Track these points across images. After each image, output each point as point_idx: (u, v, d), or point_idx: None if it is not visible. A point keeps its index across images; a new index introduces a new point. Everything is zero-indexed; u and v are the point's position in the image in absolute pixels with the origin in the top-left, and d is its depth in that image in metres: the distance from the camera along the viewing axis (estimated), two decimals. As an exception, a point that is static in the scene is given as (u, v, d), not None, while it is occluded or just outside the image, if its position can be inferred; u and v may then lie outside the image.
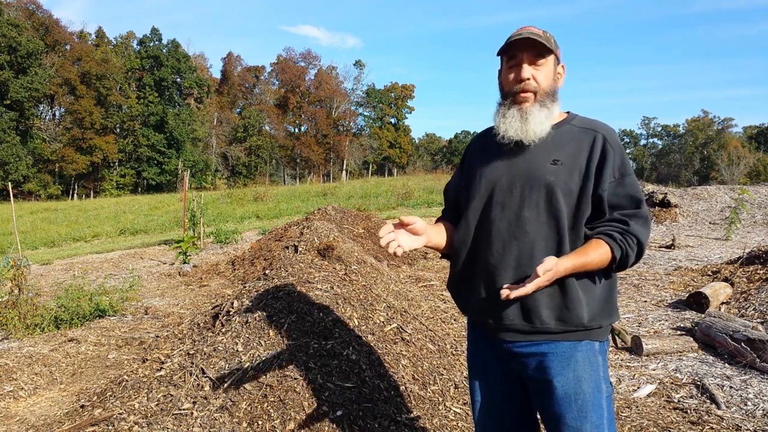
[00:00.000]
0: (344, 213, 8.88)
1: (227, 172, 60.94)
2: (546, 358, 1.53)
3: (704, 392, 3.27)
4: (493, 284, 1.55)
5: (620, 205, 1.52)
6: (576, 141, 1.56)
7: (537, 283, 1.42)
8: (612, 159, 1.52)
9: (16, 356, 4.09)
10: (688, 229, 11.62)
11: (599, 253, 1.48)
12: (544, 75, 1.56)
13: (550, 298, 1.50)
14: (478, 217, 1.62)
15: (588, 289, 1.52)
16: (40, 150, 47.87)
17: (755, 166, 55.17)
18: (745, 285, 5.29)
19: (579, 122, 1.61)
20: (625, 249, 1.48)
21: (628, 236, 1.49)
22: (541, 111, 1.55)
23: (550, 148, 1.55)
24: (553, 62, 1.59)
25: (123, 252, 11.16)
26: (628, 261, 1.50)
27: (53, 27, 52.25)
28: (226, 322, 3.25)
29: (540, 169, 1.54)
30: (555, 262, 1.43)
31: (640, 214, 1.51)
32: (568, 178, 1.52)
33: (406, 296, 4.40)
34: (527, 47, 1.54)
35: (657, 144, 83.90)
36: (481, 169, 1.65)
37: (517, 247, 1.52)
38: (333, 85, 69.80)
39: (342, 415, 2.47)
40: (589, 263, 1.48)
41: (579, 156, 1.54)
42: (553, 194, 1.51)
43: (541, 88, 1.56)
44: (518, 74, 1.55)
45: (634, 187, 1.53)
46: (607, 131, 1.57)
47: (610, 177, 1.51)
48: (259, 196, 25.18)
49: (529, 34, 1.52)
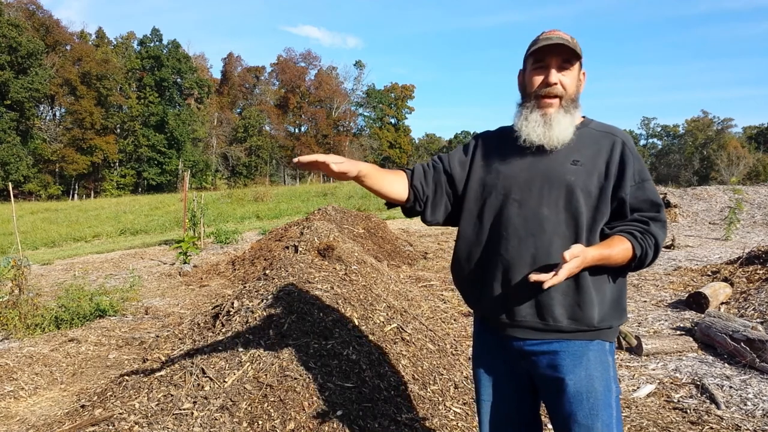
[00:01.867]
0: (344, 213, 8.89)
1: (227, 173, 60.97)
2: (558, 356, 1.53)
3: (704, 392, 3.27)
4: (508, 281, 1.55)
5: (640, 208, 1.54)
6: (595, 144, 1.58)
7: (568, 269, 1.40)
8: (632, 164, 1.54)
9: (16, 356, 4.09)
10: (688, 229, 11.62)
11: (622, 248, 1.49)
12: (570, 81, 1.58)
13: (563, 296, 1.51)
14: (494, 213, 1.61)
15: (600, 289, 1.53)
16: (41, 150, 47.89)
17: (755, 166, 55.15)
18: (744, 285, 5.29)
19: (597, 126, 1.63)
20: (645, 248, 1.50)
21: (648, 236, 1.51)
22: (566, 117, 1.56)
23: (570, 148, 1.57)
24: (578, 69, 1.60)
25: (123, 252, 11.17)
26: (646, 260, 1.52)
27: (53, 27, 52.28)
28: (227, 322, 3.26)
29: (560, 169, 1.55)
30: (582, 248, 1.43)
31: (659, 217, 1.54)
32: (588, 179, 1.53)
33: (406, 296, 4.41)
34: (557, 52, 1.55)
35: (657, 144, 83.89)
36: (498, 166, 1.64)
37: (533, 245, 1.52)
38: (333, 86, 69.83)
39: (342, 415, 2.47)
40: (613, 257, 1.48)
41: (598, 158, 1.56)
42: (573, 194, 1.52)
43: (567, 93, 1.57)
44: (546, 78, 1.56)
45: (654, 192, 1.56)
46: (625, 137, 1.60)
47: (630, 181, 1.54)
48: (260, 196, 25.19)
49: (560, 40, 1.53)
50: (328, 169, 1.48)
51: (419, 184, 1.69)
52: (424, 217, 1.73)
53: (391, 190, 1.66)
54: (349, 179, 1.56)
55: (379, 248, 7.87)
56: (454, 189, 1.72)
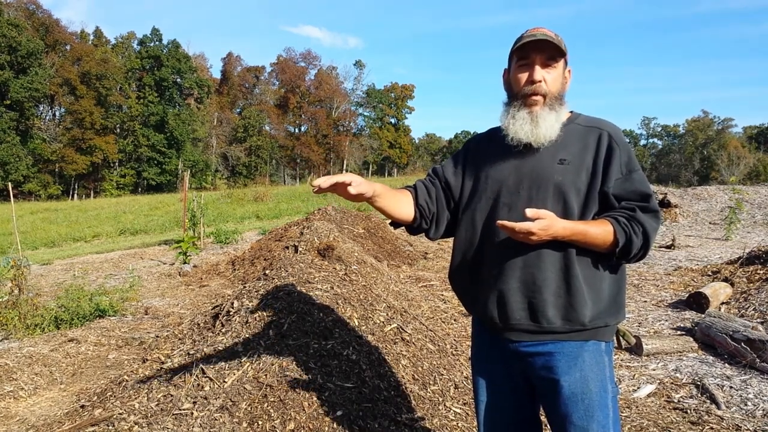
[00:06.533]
0: (344, 213, 8.88)
1: (227, 173, 60.95)
2: (553, 357, 1.53)
3: (704, 392, 3.27)
4: (501, 285, 1.55)
5: (628, 198, 1.52)
6: (582, 140, 1.57)
7: (528, 227, 1.39)
8: (618, 156, 1.53)
9: (16, 356, 4.09)
10: (688, 229, 11.62)
11: (602, 229, 1.46)
12: (555, 78, 1.57)
13: (556, 297, 1.50)
14: (485, 217, 1.62)
15: (595, 286, 1.51)
16: (40, 150, 47.86)
17: (755, 166, 55.14)
18: (745, 285, 5.29)
19: (583, 121, 1.62)
20: (629, 233, 1.46)
21: (634, 222, 1.47)
22: (551, 114, 1.55)
23: (556, 147, 1.56)
24: (563, 66, 1.59)
25: (123, 252, 11.16)
26: (632, 247, 1.46)
27: (53, 27, 52.28)
28: (226, 322, 3.25)
29: (547, 169, 1.54)
30: (551, 215, 1.42)
31: (648, 207, 1.51)
32: (576, 177, 1.52)
33: (406, 296, 4.41)
34: (540, 49, 1.53)
35: (657, 144, 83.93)
36: (487, 170, 1.65)
37: (524, 248, 1.51)
38: (333, 86, 69.81)
39: (342, 415, 2.47)
40: (590, 233, 1.45)
41: (585, 154, 1.54)
42: (561, 194, 1.52)
43: (551, 91, 1.56)
44: (530, 76, 1.55)
45: (642, 182, 1.53)
46: (612, 129, 1.58)
47: (616, 174, 1.52)
48: (260, 196, 25.18)
49: (543, 36, 1.52)
50: (346, 192, 1.49)
51: (425, 203, 1.71)
52: (429, 234, 1.76)
53: (400, 212, 1.68)
54: (364, 201, 1.58)
55: (379, 248, 7.86)
56: (452, 200, 1.75)
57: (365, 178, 2.18)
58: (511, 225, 1.42)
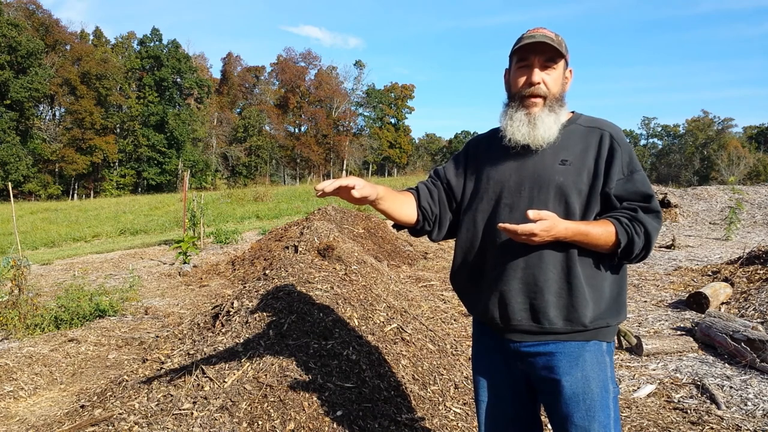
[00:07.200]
0: (344, 213, 8.87)
1: (227, 172, 60.94)
2: (554, 357, 1.52)
3: (704, 392, 3.27)
4: (502, 285, 1.55)
5: (629, 199, 1.52)
6: (583, 140, 1.56)
7: (530, 228, 1.39)
8: (620, 157, 1.52)
9: (16, 356, 4.09)
10: (688, 229, 11.62)
11: (604, 229, 1.46)
12: (554, 79, 1.56)
13: (557, 298, 1.50)
14: (486, 218, 1.61)
15: (596, 287, 1.51)
16: (40, 150, 47.86)
17: (755, 166, 55.15)
18: (745, 285, 5.29)
19: (585, 121, 1.61)
20: (631, 234, 1.45)
21: (636, 223, 1.47)
22: (550, 116, 1.54)
23: (557, 148, 1.55)
24: (563, 67, 1.58)
25: (123, 252, 11.16)
26: (634, 247, 1.46)
27: (53, 27, 52.26)
28: (226, 322, 3.25)
29: (549, 170, 1.54)
30: (553, 215, 1.42)
31: (650, 208, 1.50)
32: (577, 178, 1.52)
33: (406, 296, 4.41)
34: (540, 51, 1.53)
35: (657, 144, 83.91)
36: (488, 171, 1.64)
37: (525, 249, 1.51)
38: (333, 85, 69.79)
39: (342, 415, 2.47)
40: (592, 234, 1.45)
41: (587, 155, 1.54)
42: (563, 194, 1.51)
43: (550, 92, 1.55)
44: (529, 77, 1.55)
45: (644, 183, 1.53)
46: (613, 129, 1.58)
47: (618, 174, 1.51)
48: (260, 196, 25.17)
49: (543, 38, 1.51)
50: (349, 195, 1.49)
51: (427, 205, 1.71)
52: (431, 236, 1.76)
53: (403, 214, 1.68)
54: (367, 204, 1.58)
55: (379, 248, 7.86)
56: (454, 202, 1.74)
57: (365, 178, 2.19)
58: (512, 227, 1.41)
